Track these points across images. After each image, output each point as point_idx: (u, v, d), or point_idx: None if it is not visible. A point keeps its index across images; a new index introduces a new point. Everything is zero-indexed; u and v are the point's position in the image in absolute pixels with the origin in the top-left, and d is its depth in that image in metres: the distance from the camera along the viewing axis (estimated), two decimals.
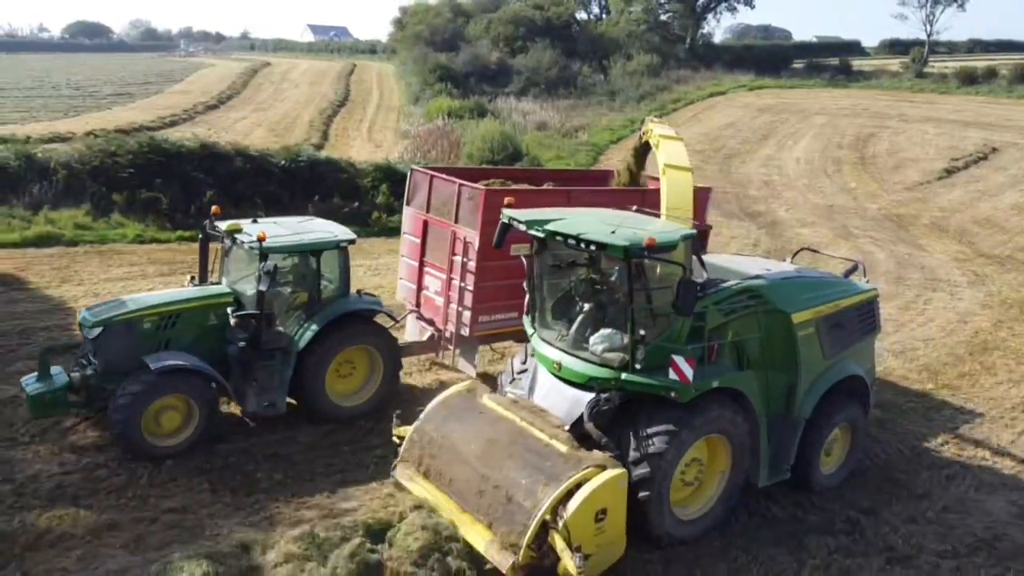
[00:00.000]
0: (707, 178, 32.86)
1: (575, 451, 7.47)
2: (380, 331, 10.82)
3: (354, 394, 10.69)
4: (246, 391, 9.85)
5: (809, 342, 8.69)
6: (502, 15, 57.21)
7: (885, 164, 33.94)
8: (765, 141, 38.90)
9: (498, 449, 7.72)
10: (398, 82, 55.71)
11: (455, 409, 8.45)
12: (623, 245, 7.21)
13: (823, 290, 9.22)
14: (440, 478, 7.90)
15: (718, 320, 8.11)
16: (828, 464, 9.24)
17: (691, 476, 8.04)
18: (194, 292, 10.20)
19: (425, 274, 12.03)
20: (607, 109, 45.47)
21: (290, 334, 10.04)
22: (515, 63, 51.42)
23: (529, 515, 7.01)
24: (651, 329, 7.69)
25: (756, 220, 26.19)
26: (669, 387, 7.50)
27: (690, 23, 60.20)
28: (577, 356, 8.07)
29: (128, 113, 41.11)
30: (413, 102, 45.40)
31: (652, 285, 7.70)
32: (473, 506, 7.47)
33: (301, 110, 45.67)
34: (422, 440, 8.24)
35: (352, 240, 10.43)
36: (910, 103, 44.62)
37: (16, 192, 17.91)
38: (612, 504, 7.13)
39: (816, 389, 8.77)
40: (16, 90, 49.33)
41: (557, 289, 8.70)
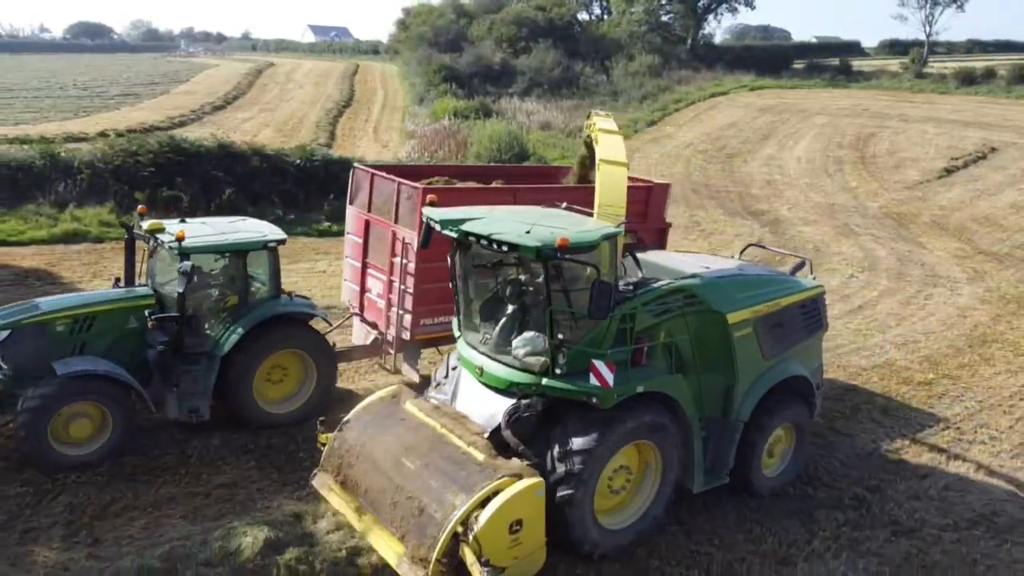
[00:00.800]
0: (710, 177, 33.46)
1: (492, 460, 7.23)
2: (313, 335, 10.43)
3: (286, 400, 10.34)
4: (166, 397, 9.48)
5: (747, 342, 8.44)
6: (504, 16, 57.67)
7: (885, 163, 34.41)
8: (766, 141, 39.35)
9: (415, 457, 7.46)
10: (402, 83, 56.13)
11: (377, 415, 8.18)
12: (534, 246, 6.94)
13: (763, 288, 8.93)
14: (356, 488, 7.62)
15: (648, 321, 7.84)
16: (771, 466, 9.06)
17: (619, 484, 7.78)
18: (113, 294, 9.83)
19: (368, 276, 11.71)
20: (610, 109, 45.76)
21: (216, 338, 9.70)
22: (518, 64, 51.86)
23: (440, 527, 6.76)
24: (574, 332, 7.47)
25: (759, 218, 26.68)
26: (590, 393, 7.25)
27: (691, 24, 60.68)
28: (499, 360, 7.81)
29: (137, 113, 41.55)
30: (418, 102, 45.84)
31: (576, 286, 7.41)
32: (387, 518, 7.20)
33: (307, 110, 46.10)
34: (341, 448, 7.97)
35: (281, 240, 10.07)
36: (910, 103, 45.07)
37: (42, 190, 18.42)
38: (528, 515, 6.87)
39: (755, 391, 8.54)
40: (24, 90, 49.72)
41: (485, 290, 8.39)
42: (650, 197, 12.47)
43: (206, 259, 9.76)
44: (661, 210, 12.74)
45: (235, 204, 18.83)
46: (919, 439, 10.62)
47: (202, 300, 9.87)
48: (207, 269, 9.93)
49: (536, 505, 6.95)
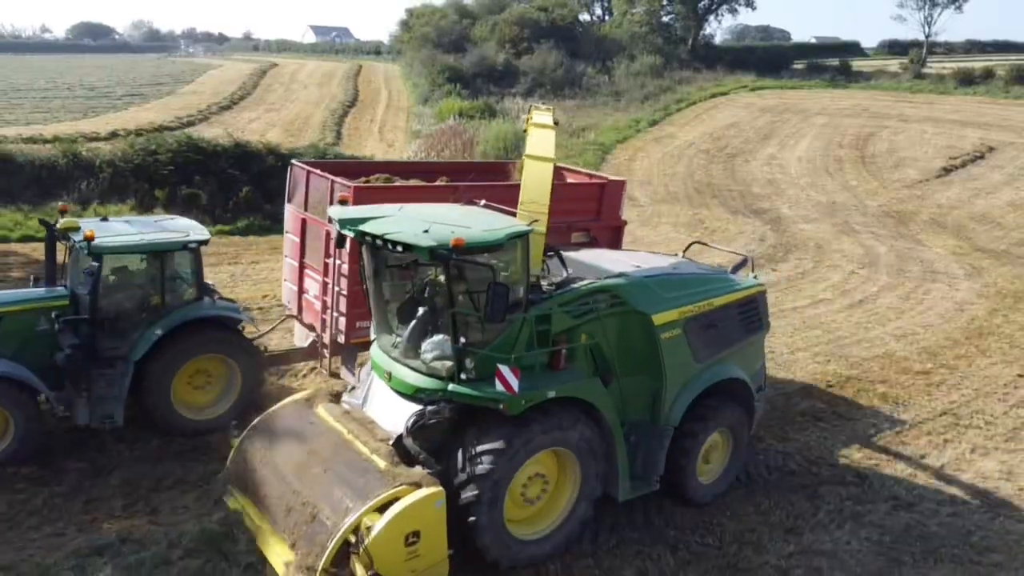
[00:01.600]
0: (712, 176, 33.97)
1: (393, 467, 6.92)
2: (237, 339, 10.13)
3: (210, 407, 10.05)
4: (76, 402, 9.17)
5: (675, 345, 8.10)
6: (507, 17, 58.18)
7: (885, 163, 34.92)
8: (767, 141, 39.84)
9: (316, 463, 7.21)
10: (405, 83, 56.66)
11: (287, 419, 7.97)
12: (427, 246, 6.66)
13: (694, 288, 8.61)
14: (256, 493, 7.41)
15: (567, 323, 7.57)
16: (707, 473, 8.75)
17: (534, 493, 7.48)
18: (23, 294, 9.56)
19: (305, 276, 11.32)
20: (612, 110, 46.43)
21: (133, 341, 9.39)
22: (521, 64, 52.37)
23: (329, 535, 6.47)
24: (485, 335, 7.17)
25: (761, 217, 27.18)
26: (496, 399, 6.94)
27: (692, 24, 61.21)
28: (407, 365, 7.55)
29: (145, 113, 42.02)
30: (422, 102, 46.37)
31: (484, 287, 6.98)
32: (281, 524, 6.95)
33: (312, 110, 46.60)
34: (247, 451, 7.77)
35: (203, 241, 9.75)
36: (909, 103, 45.56)
37: (67, 188, 18.93)
38: (427, 526, 6.55)
39: (686, 395, 8.21)
40: (32, 91, 50.19)
41: (403, 291, 8.07)
42: (604, 194, 11.98)
43: (128, 260, 9.53)
44: (616, 208, 12.25)
45: (252, 201, 19.35)
46: (917, 423, 11.13)
47: (122, 302, 9.56)
48: (132, 270, 9.70)
49: (435, 516, 6.61)
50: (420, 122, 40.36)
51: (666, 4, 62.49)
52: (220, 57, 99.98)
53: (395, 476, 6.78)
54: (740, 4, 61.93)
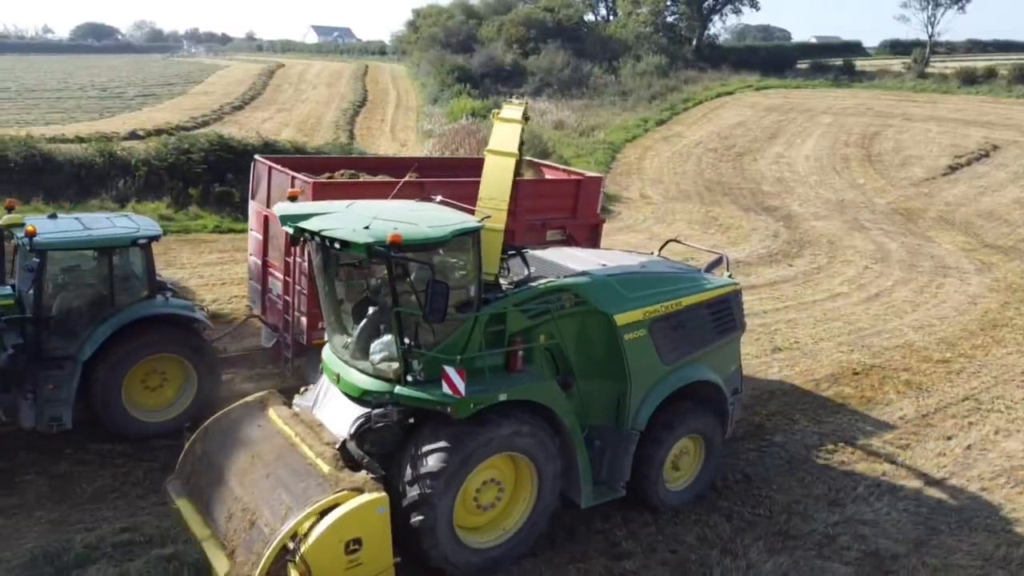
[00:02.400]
0: (722, 175, 34.52)
1: (337, 472, 6.67)
2: (191, 339, 9.78)
3: (164, 409, 9.74)
4: (21, 405, 8.83)
5: (639, 346, 7.79)
6: (514, 17, 58.66)
7: (891, 161, 35.50)
8: (774, 139, 40.39)
9: (259, 467, 6.98)
10: (412, 83, 57.14)
11: (237, 422, 7.73)
12: (364, 242, 6.42)
13: (661, 287, 8.28)
14: (200, 496, 7.23)
15: (523, 323, 7.31)
16: (677, 480, 8.45)
17: (488, 499, 7.23)
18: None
19: (268, 275, 11.02)
20: (620, 109, 46.92)
21: (80, 341, 9.07)
22: (528, 64, 52.88)
23: (266, 543, 6.23)
24: (435, 335, 6.95)
25: (772, 214, 27.74)
26: (443, 402, 6.69)
27: (697, 24, 61.77)
28: (356, 367, 7.33)
29: (159, 113, 42.41)
30: (432, 102, 46.85)
31: (450, 282, 6.77)
32: (222, 530, 6.73)
33: (323, 110, 47.01)
34: (195, 454, 7.60)
35: (154, 237, 9.37)
36: (913, 103, 46.12)
37: (105, 187, 19.44)
38: (368, 533, 6.29)
39: (652, 398, 7.90)
40: (44, 91, 50.55)
41: (358, 291, 7.81)
42: (580, 191, 11.65)
43: (70, 257, 9.23)
44: (593, 205, 11.91)
45: None
46: (942, 407, 11.70)
47: (69, 300, 9.23)
48: (76, 268, 9.41)
49: (378, 523, 6.35)
50: (431, 122, 40.84)
51: (670, 4, 63.02)
52: (224, 57, 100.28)
53: (337, 481, 6.52)
54: (744, 4, 62.50)
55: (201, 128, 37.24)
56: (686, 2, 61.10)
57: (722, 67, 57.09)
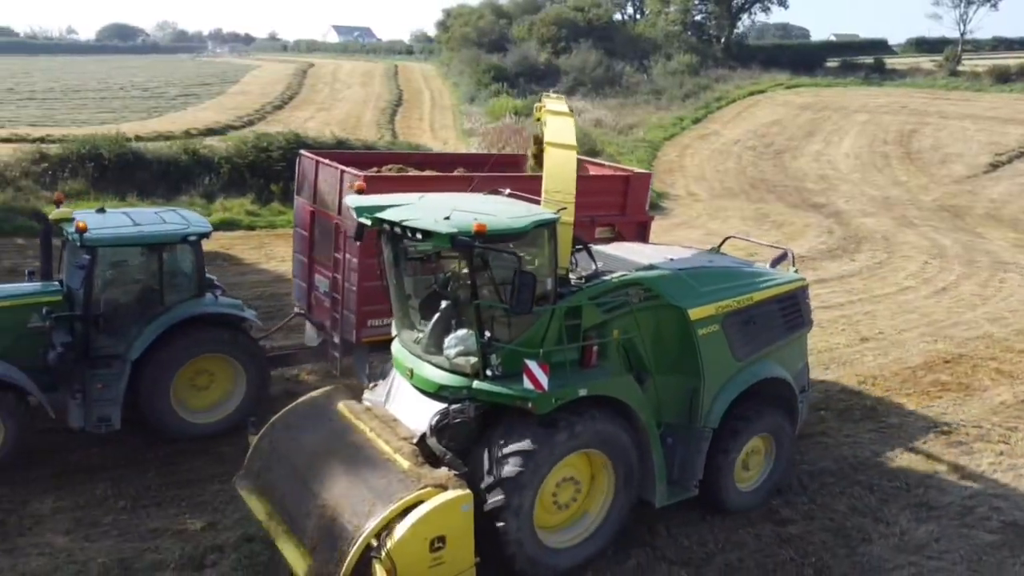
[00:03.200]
0: (763, 173, 34.97)
1: (417, 468, 6.56)
2: (241, 338, 9.61)
3: (211, 409, 9.56)
4: (69, 404, 8.67)
5: (713, 341, 7.67)
6: (545, 17, 59.25)
7: (931, 159, 35.85)
8: (811, 137, 40.76)
9: (336, 463, 6.84)
10: (444, 82, 57.78)
11: (306, 417, 7.62)
12: (448, 233, 6.31)
13: (732, 282, 8.16)
14: (273, 492, 7.09)
15: (597, 318, 7.19)
16: (747, 480, 8.29)
17: (565, 498, 7.12)
18: (17, 288, 9.08)
19: (315, 272, 10.80)
20: (654, 108, 47.39)
21: (129, 340, 8.86)
22: (561, 63, 53.46)
23: (350, 540, 6.11)
24: (512, 330, 6.83)
25: (820, 211, 28.20)
26: (523, 397, 6.56)
27: (726, 23, 62.19)
28: (430, 362, 7.21)
29: (204, 113, 43.19)
30: (468, 101, 47.47)
31: (506, 279, 6.75)
32: (299, 527, 6.61)
33: (362, 109, 47.67)
34: (264, 450, 7.47)
35: (205, 234, 9.21)
36: (946, 100, 46.36)
37: (191, 183, 20.18)
38: (452, 531, 6.17)
39: (725, 395, 7.75)
40: (87, 92, 51.46)
41: (426, 285, 7.75)
42: (628, 188, 11.48)
43: (120, 253, 9.01)
44: (642, 202, 11.70)
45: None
46: None
47: (118, 298, 9.07)
48: (126, 264, 9.21)
49: (462, 520, 6.23)
50: (470, 120, 41.49)
51: (698, 3, 63.46)
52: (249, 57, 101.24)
53: (419, 477, 6.43)
54: (773, 3, 62.86)
55: (248, 127, 38.06)
56: (715, 1, 61.50)
57: (751, 66, 57.47)
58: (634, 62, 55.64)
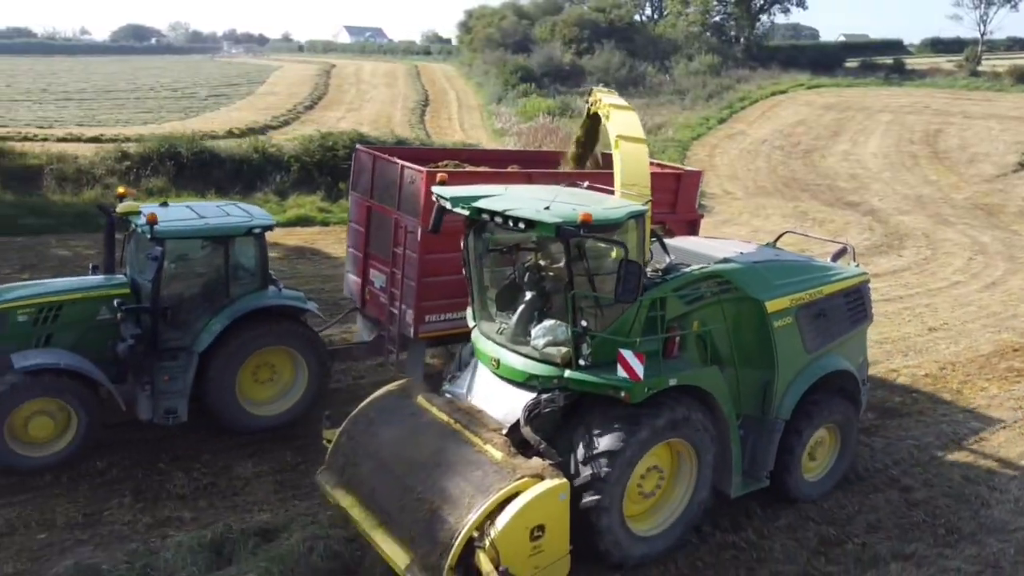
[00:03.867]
0: (794, 172, 35.59)
1: (511, 459, 6.61)
2: (304, 331, 9.65)
3: (273, 402, 9.59)
4: (138, 396, 8.71)
5: (787, 333, 7.80)
6: (567, 18, 59.96)
7: (959, 158, 36.42)
8: (837, 137, 41.34)
9: (425, 456, 6.90)
10: (467, 83, 58.48)
11: (385, 411, 7.61)
12: (555, 222, 6.39)
13: (803, 275, 8.28)
14: (362, 487, 7.11)
15: (679, 309, 7.28)
16: (813, 470, 8.51)
17: (650, 487, 7.24)
18: (84, 282, 9.17)
19: (370, 267, 10.78)
20: (680, 108, 48.02)
21: (196, 332, 8.93)
22: (585, 64, 54.15)
23: (453, 532, 6.19)
24: (599, 320, 6.93)
25: (856, 209, 28.81)
26: (617, 386, 6.68)
27: (746, 24, 62.86)
28: (517, 352, 7.27)
29: (239, 113, 43.86)
30: (496, 101, 48.14)
31: (601, 270, 6.96)
32: (395, 520, 6.66)
33: (391, 109, 48.31)
34: (347, 444, 7.49)
35: (268, 226, 9.28)
36: (968, 100, 46.91)
37: (264, 181, 20.91)
38: (551, 520, 6.30)
39: (797, 386, 7.89)
40: (118, 92, 52.18)
41: (502, 277, 7.87)
42: (680, 185, 11.51)
43: (187, 246, 9.06)
44: (692, 200, 11.73)
45: None
46: None
47: (182, 291, 9.14)
48: (191, 257, 9.26)
49: (560, 509, 6.37)
50: (500, 120, 42.15)
51: (717, 4, 64.14)
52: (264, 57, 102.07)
53: (514, 468, 6.47)
54: (792, 3, 63.50)
55: (284, 127, 38.82)
56: (735, 2, 62.16)
57: (771, 66, 58.11)
58: (656, 63, 56.28)
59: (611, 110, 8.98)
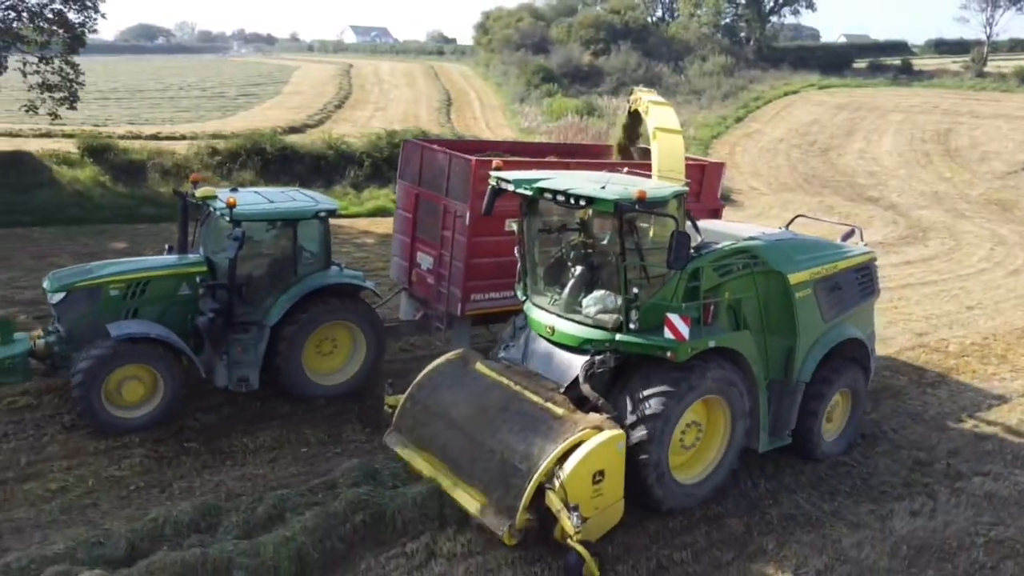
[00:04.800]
0: (814, 169, 37.11)
1: (571, 413, 7.42)
2: (363, 307, 10.41)
3: (335, 373, 10.33)
4: (216, 365, 9.53)
5: (807, 304, 8.58)
6: (583, 19, 61.43)
7: (970, 156, 37.95)
8: (851, 136, 42.81)
9: (492, 414, 7.68)
10: (485, 82, 59.89)
11: (447, 376, 8.39)
12: (613, 199, 7.17)
13: (819, 252, 9.12)
14: (432, 444, 7.93)
15: (713, 280, 8.00)
16: (830, 431, 9.30)
17: (690, 440, 8.01)
18: (166, 260, 9.98)
19: (417, 250, 11.56)
20: (697, 108, 49.48)
21: (266, 307, 9.69)
22: (602, 64, 55.62)
23: (525, 478, 6.97)
24: (644, 289, 7.61)
25: (877, 204, 30.35)
26: (664, 347, 7.41)
27: (757, 25, 64.45)
28: (570, 319, 8.03)
29: (274, 112, 45.05)
30: (519, 101, 49.58)
31: (644, 244, 7.67)
32: (467, 472, 7.47)
33: (417, 109, 49.54)
34: (414, 407, 8.30)
35: (333, 211, 10.02)
36: (976, 101, 48.41)
37: (340, 175, 22.41)
38: (609, 466, 7.09)
39: (815, 352, 8.67)
40: (149, 92, 53.43)
41: (548, 255, 8.70)
42: (704, 176, 12.23)
43: (257, 228, 9.69)
44: (715, 190, 12.49)
45: None
46: None
47: (253, 269, 9.84)
48: (258, 238, 9.88)
49: (617, 457, 7.17)
50: (527, 119, 43.59)
51: (728, 6, 65.67)
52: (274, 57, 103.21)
53: (576, 421, 7.29)
54: (801, 5, 65.08)
55: (320, 125, 40.20)
56: (746, 4, 63.74)
57: (781, 67, 59.62)
58: (670, 63, 57.77)
59: (650, 106, 10.06)
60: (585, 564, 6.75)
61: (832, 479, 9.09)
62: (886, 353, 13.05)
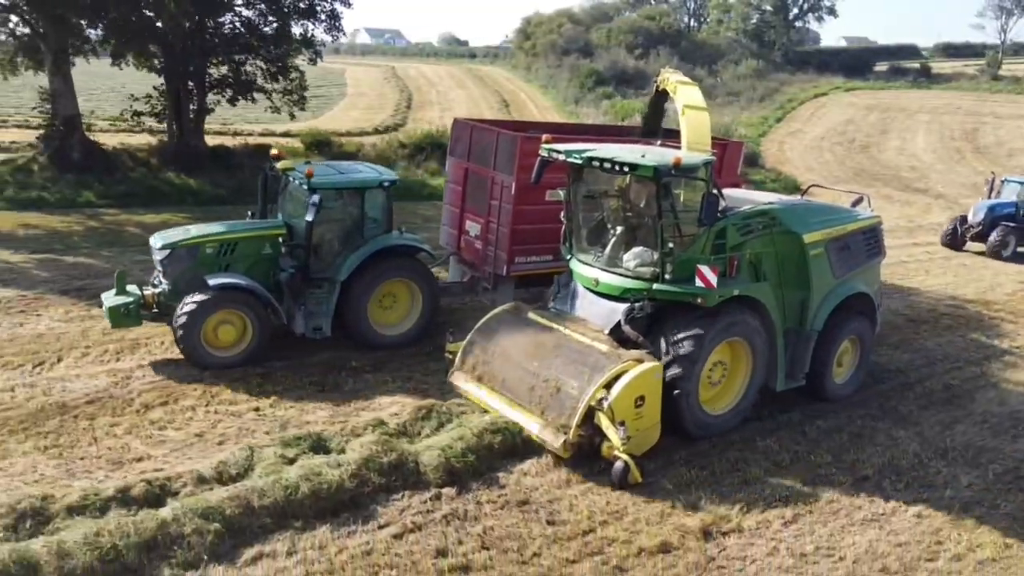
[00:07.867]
0: (859, 163, 40.69)
1: (615, 349, 8.44)
2: (420, 267, 11.41)
3: (395, 325, 11.40)
4: (295, 315, 10.69)
5: (819, 261, 9.48)
6: (621, 25, 65.17)
7: (999, 153, 41.51)
8: (886, 135, 46.28)
9: (546, 351, 8.69)
10: (529, 85, 63.01)
11: (504, 323, 9.45)
12: (653, 165, 8.09)
13: (831, 215, 10.08)
14: (493, 379, 8.95)
15: (737, 239, 8.91)
16: (840, 375, 10.34)
17: (716, 377, 8.96)
18: (252, 224, 11.17)
19: (466, 219, 12.60)
20: (737, 109, 53.03)
21: (337, 265, 10.76)
22: (646, 68, 59.27)
23: (577, 400, 7.98)
24: (677, 245, 8.56)
25: (926, 194, 33.98)
26: (696, 293, 8.37)
27: (783, 31, 68.47)
28: (613, 272, 9.06)
29: (355, 112, 48.05)
30: (573, 103, 53.00)
31: (678, 207, 8.61)
32: (525, 399, 8.47)
33: (479, 109, 52.26)
34: (475, 349, 9.32)
35: (394, 181, 11.09)
36: (995, 102, 51.86)
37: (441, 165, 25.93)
38: (649, 392, 8.03)
39: (827, 304, 9.61)
40: None
41: (590, 219, 9.73)
42: (725, 153, 13.10)
43: (330, 196, 10.62)
44: (735, 168, 13.58)
45: None
46: None
47: (326, 232, 10.87)
48: (330, 205, 10.76)
49: (656, 385, 8.11)
50: (588, 120, 47.04)
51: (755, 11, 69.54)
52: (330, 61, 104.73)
53: (620, 355, 8.33)
54: (824, 12, 69.14)
55: (403, 125, 43.53)
56: (773, 10, 67.72)
57: (807, 70, 63.39)
58: (704, 67, 61.51)
59: (678, 86, 10.98)
60: (630, 471, 7.90)
61: None
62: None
